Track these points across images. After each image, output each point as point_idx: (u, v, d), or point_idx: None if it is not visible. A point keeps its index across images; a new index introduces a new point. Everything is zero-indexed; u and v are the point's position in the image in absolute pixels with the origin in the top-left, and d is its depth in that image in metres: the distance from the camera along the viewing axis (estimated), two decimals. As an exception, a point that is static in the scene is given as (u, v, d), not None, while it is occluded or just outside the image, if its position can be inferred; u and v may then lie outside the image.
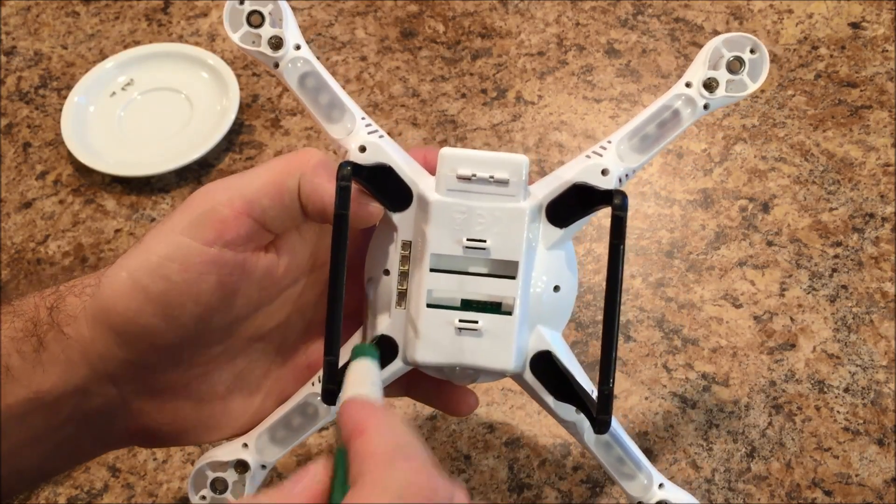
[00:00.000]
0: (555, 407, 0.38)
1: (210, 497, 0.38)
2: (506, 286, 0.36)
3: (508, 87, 0.71)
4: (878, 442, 0.52)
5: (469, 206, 0.36)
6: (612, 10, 0.75)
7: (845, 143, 0.65)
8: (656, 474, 0.39)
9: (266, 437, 0.38)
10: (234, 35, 0.37)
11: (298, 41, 0.38)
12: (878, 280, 0.59)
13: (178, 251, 0.34)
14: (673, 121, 0.37)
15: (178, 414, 0.37)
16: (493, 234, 0.36)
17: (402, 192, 0.37)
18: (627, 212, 0.34)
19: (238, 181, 0.35)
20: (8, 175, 0.69)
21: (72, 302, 0.35)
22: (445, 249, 0.36)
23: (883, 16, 0.73)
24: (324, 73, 0.38)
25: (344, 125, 0.37)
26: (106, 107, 0.72)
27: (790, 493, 0.51)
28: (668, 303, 0.58)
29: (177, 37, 0.76)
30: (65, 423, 0.36)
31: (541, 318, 0.37)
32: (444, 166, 0.36)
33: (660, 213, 0.63)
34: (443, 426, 0.55)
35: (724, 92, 0.37)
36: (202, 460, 0.38)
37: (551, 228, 0.37)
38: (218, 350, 0.37)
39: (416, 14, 0.76)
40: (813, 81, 0.69)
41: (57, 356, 0.35)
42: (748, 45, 0.37)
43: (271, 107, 0.71)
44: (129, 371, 0.35)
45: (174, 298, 0.34)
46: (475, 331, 0.36)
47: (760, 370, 0.55)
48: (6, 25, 0.79)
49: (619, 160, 0.37)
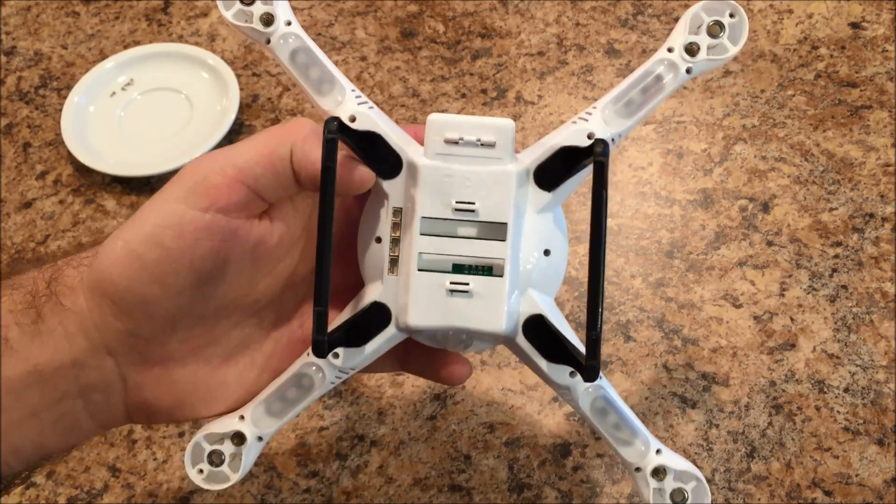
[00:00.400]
0: (548, 371, 0.38)
1: (207, 470, 0.38)
2: (495, 248, 0.37)
3: (508, 87, 0.71)
4: (878, 442, 0.52)
5: (457, 169, 0.37)
6: (612, 10, 0.75)
7: (845, 143, 0.65)
8: (653, 440, 0.39)
9: (262, 409, 0.39)
10: (227, 13, 0.38)
11: (289, 17, 0.38)
12: (878, 280, 0.59)
13: (173, 218, 0.34)
14: (656, 86, 0.38)
15: (174, 387, 0.38)
16: (482, 196, 0.37)
17: (392, 159, 0.37)
18: (608, 157, 0.35)
19: (230, 151, 0.36)
20: (8, 175, 0.69)
21: (69, 274, 0.36)
22: (435, 213, 0.37)
23: (883, 16, 0.73)
24: (314, 48, 0.38)
25: (334, 97, 0.38)
26: (106, 107, 0.72)
27: (790, 493, 0.51)
28: (668, 303, 0.58)
29: (177, 37, 0.76)
30: (62, 398, 0.36)
31: (532, 283, 0.38)
32: (431, 131, 0.37)
33: (660, 213, 0.63)
34: (443, 426, 0.55)
35: (706, 55, 0.38)
36: (199, 433, 0.39)
37: (539, 192, 0.38)
38: (213, 321, 0.38)
39: (416, 14, 0.76)
40: (813, 81, 0.69)
41: (54, 328, 0.35)
42: (727, 10, 0.38)
43: (271, 107, 0.71)
44: (125, 342, 0.36)
45: (169, 266, 0.34)
46: (466, 293, 0.37)
47: (760, 370, 0.55)
48: (6, 25, 0.79)
49: (605, 125, 0.38)
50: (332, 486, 0.53)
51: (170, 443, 0.55)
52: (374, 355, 0.38)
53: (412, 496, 0.52)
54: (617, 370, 0.56)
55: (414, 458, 0.53)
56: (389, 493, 0.52)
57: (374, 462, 0.53)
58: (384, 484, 0.53)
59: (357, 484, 0.53)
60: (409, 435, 0.54)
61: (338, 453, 0.54)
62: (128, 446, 0.55)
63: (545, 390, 0.55)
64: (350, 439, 0.54)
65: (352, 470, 0.53)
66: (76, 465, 0.54)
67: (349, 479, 0.53)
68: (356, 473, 0.53)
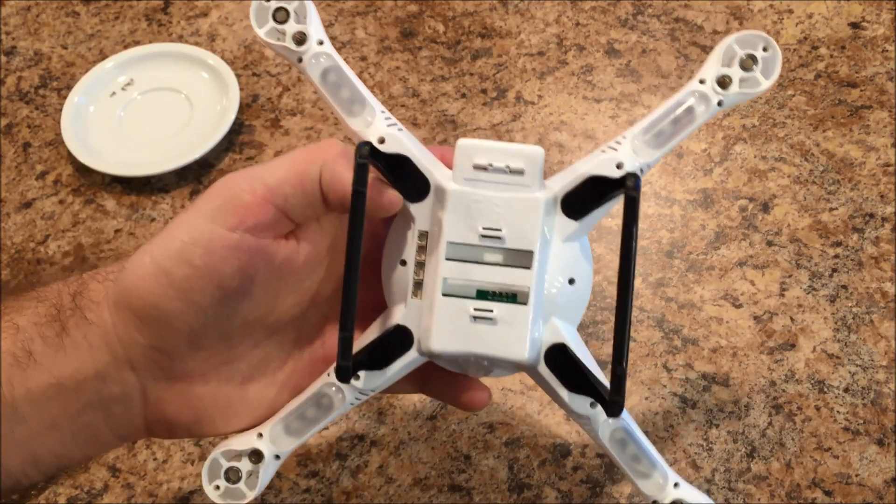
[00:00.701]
0: (569, 400, 0.38)
1: (224, 487, 0.38)
2: (521, 276, 0.37)
3: (508, 87, 0.71)
4: (878, 442, 0.52)
5: (485, 195, 0.37)
6: (612, 10, 0.75)
7: (845, 143, 0.65)
8: (672, 473, 0.39)
9: (280, 428, 0.39)
10: (260, 31, 0.38)
11: (321, 37, 0.38)
12: (878, 280, 0.59)
13: (202, 236, 0.34)
14: (687, 117, 0.38)
15: (194, 403, 0.38)
16: (509, 223, 0.37)
17: (420, 182, 0.37)
18: (640, 192, 0.35)
19: (261, 170, 0.36)
20: (8, 175, 0.69)
21: (95, 288, 0.36)
22: (461, 238, 0.37)
23: (883, 16, 0.73)
24: (345, 69, 0.39)
25: (364, 118, 0.38)
26: (106, 107, 0.72)
27: (790, 493, 0.51)
28: (668, 303, 0.59)
29: (177, 37, 0.76)
30: (83, 410, 0.36)
31: (556, 311, 0.38)
32: (461, 156, 0.37)
33: (660, 213, 0.63)
34: (443, 426, 0.55)
35: (738, 89, 0.38)
36: (217, 450, 0.39)
37: (567, 221, 0.38)
38: (236, 339, 0.38)
39: (416, 14, 0.76)
40: (813, 81, 0.69)
41: (79, 341, 0.35)
42: (761, 43, 0.38)
43: (271, 107, 0.71)
44: (148, 356, 0.36)
45: (196, 283, 0.34)
46: (490, 319, 0.37)
47: (760, 370, 0.55)
48: (6, 25, 0.79)
49: (635, 155, 0.38)
50: (332, 486, 0.53)
51: (170, 443, 0.55)
52: (394, 377, 0.38)
53: (412, 496, 0.52)
54: (617, 370, 0.56)
55: (414, 458, 0.53)
56: (389, 493, 0.52)
57: (374, 462, 0.53)
58: (384, 484, 0.53)
59: (357, 484, 0.53)
60: (409, 435, 0.54)
61: (338, 453, 0.54)
62: (128, 446, 0.55)
63: (545, 390, 0.55)
64: (350, 439, 0.54)
65: (352, 470, 0.53)
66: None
67: (349, 479, 0.53)
68: (356, 473, 0.53)
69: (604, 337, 0.57)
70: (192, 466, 0.54)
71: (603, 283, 0.59)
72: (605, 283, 0.59)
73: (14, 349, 0.35)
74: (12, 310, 0.36)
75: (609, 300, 0.59)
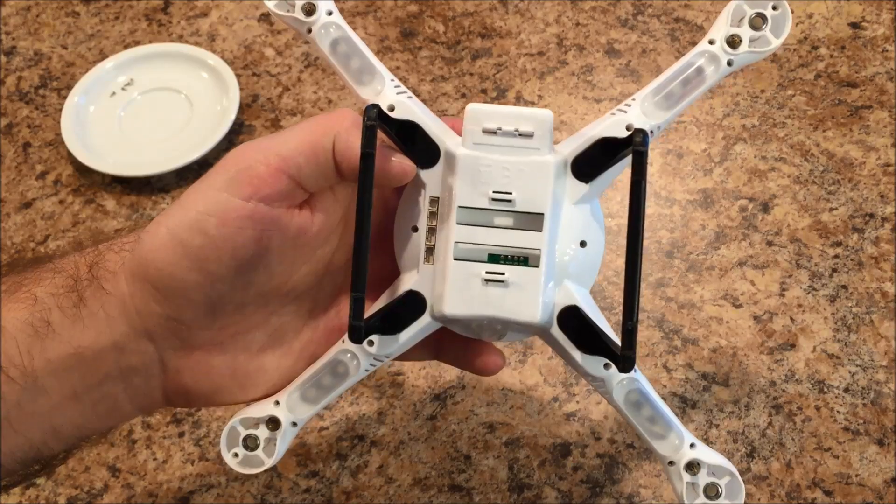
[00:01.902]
0: (583, 362, 0.38)
1: (242, 454, 0.39)
2: (532, 239, 0.37)
3: (508, 87, 0.71)
4: (878, 442, 0.52)
5: (495, 159, 0.37)
6: (612, 10, 0.75)
7: (845, 143, 0.65)
8: (687, 434, 0.39)
9: (297, 395, 0.39)
10: (270, 3, 0.38)
11: (331, 7, 0.39)
12: (878, 280, 0.59)
13: (217, 206, 0.35)
14: (697, 78, 0.38)
15: (212, 372, 0.38)
16: (519, 186, 0.37)
17: (430, 148, 0.38)
18: (648, 147, 0.35)
19: (273, 140, 0.36)
20: (8, 175, 0.69)
21: (111, 258, 0.36)
22: (472, 202, 0.37)
23: (883, 16, 0.73)
24: (354, 38, 0.39)
25: (374, 87, 0.38)
26: (106, 107, 0.72)
27: (790, 493, 0.51)
28: (668, 303, 0.59)
29: (177, 37, 0.76)
30: (103, 380, 0.36)
31: (568, 274, 0.38)
32: (469, 121, 0.37)
33: (660, 213, 0.63)
34: (443, 426, 0.55)
35: (748, 48, 0.38)
36: (235, 417, 0.39)
37: (577, 183, 0.38)
38: (252, 308, 0.38)
39: (416, 14, 0.76)
40: (813, 81, 0.69)
41: (96, 312, 0.35)
42: (770, 2, 0.38)
43: (271, 107, 0.71)
44: (165, 327, 0.36)
45: (211, 252, 0.35)
46: (502, 282, 0.37)
47: (760, 370, 0.55)
48: (6, 25, 0.79)
49: (644, 117, 0.38)
50: (332, 486, 0.53)
51: (170, 443, 0.55)
52: (408, 343, 0.38)
53: (412, 496, 0.52)
54: (617, 370, 0.56)
55: (414, 458, 0.53)
56: (389, 493, 0.52)
57: (374, 462, 0.53)
58: (384, 484, 0.53)
59: (357, 484, 0.53)
60: (409, 435, 0.54)
61: (338, 453, 0.54)
62: (128, 446, 0.55)
63: (545, 390, 0.55)
64: (350, 439, 0.54)
65: (352, 470, 0.53)
66: (76, 465, 0.54)
67: (349, 479, 0.53)
68: (356, 473, 0.53)
69: (604, 337, 0.57)
70: (192, 466, 0.54)
71: (603, 283, 0.59)
72: (605, 283, 0.59)
73: (33, 320, 0.35)
74: (30, 281, 0.36)
75: (609, 300, 0.59)
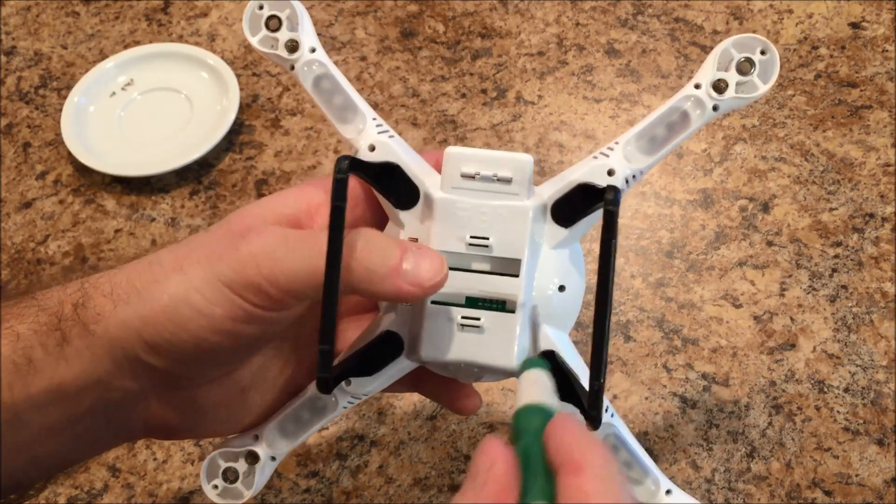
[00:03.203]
0: (559, 406, 0.38)
1: (221, 486, 0.39)
2: (509, 284, 0.36)
3: (508, 87, 0.71)
4: (878, 442, 0.52)
5: (473, 203, 0.36)
6: (612, 10, 0.75)
7: (845, 143, 0.65)
8: (664, 479, 0.39)
9: (276, 431, 0.39)
10: (253, 39, 0.38)
11: (314, 44, 0.39)
12: (878, 280, 0.59)
13: (220, 299, 0.34)
14: (682, 123, 0.37)
15: (195, 409, 0.38)
16: (497, 231, 0.36)
17: (410, 189, 0.37)
18: (619, 206, 0.34)
19: (279, 253, 0.35)
20: (8, 175, 0.69)
21: (100, 302, 0.36)
22: (449, 246, 0.37)
23: (883, 16, 0.73)
24: (337, 76, 0.39)
25: (355, 125, 0.38)
26: (106, 107, 0.72)
27: (790, 493, 0.51)
28: (668, 303, 0.58)
29: (177, 37, 0.76)
30: (84, 415, 0.36)
31: (546, 318, 0.37)
32: (448, 165, 0.37)
33: (660, 213, 0.63)
34: (443, 426, 0.55)
35: (734, 93, 0.37)
36: (215, 451, 0.39)
37: (556, 228, 0.37)
38: (240, 357, 0.38)
39: (416, 14, 0.76)
40: (813, 81, 0.69)
41: (81, 350, 0.35)
42: (758, 47, 0.37)
43: (271, 107, 0.71)
44: (152, 372, 0.36)
45: (210, 332, 0.35)
46: (478, 328, 0.36)
47: (760, 370, 0.55)
48: (6, 25, 0.79)
49: (626, 161, 0.37)
50: (332, 486, 0.53)
51: (170, 443, 0.55)
52: (385, 383, 0.38)
53: (412, 496, 0.52)
54: (617, 370, 0.56)
55: (414, 458, 0.53)
56: (389, 493, 0.52)
57: (374, 462, 0.53)
58: (384, 484, 0.53)
59: (357, 484, 0.53)
60: (409, 435, 0.54)
61: (338, 453, 0.54)
62: (128, 446, 0.55)
63: (545, 390, 0.55)
64: (350, 439, 0.54)
65: (352, 470, 0.53)
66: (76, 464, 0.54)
67: (349, 479, 0.53)
68: (356, 473, 0.53)
69: (604, 337, 0.57)
70: (192, 466, 0.54)
71: (603, 283, 0.59)
72: (605, 283, 0.59)
73: (14, 356, 0.35)
74: (12, 316, 0.36)
75: (609, 300, 0.59)
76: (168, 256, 0.36)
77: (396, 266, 0.34)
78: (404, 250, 0.34)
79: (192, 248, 0.35)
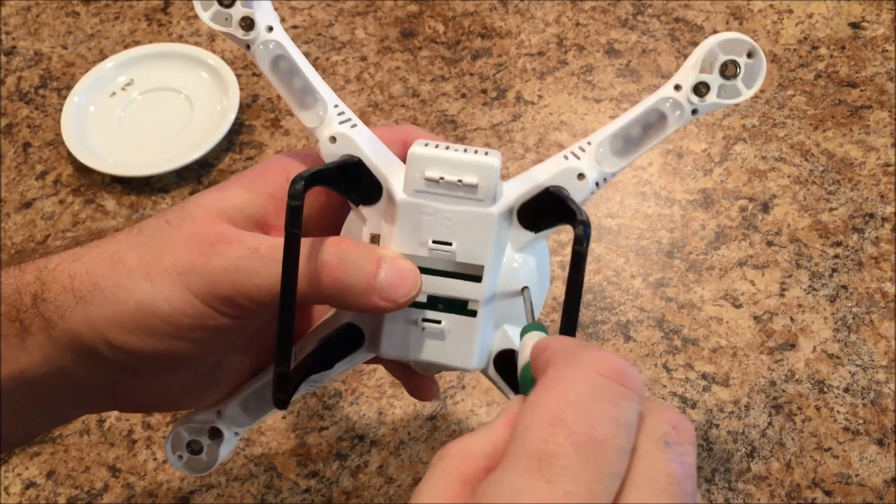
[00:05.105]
0: None
1: (186, 456, 0.40)
2: (471, 288, 0.36)
3: (508, 87, 0.71)
4: (878, 442, 0.52)
5: (436, 207, 0.35)
6: (612, 10, 0.75)
7: (845, 143, 0.65)
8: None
9: (238, 408, 0.39)
10: (205, 14, 0.36)
11: (271, 23, 0.36)
12: (878, 280, 0.59)
13: (180, 301, 0.34)
14: (658, 124, 0.36)
15: (164, 390, 0.38)
16: (460, 237, 0.35)
17: (373, 184, 0.36)
18: (588, 244, 0.33)
19: (253, 266, 0.35)
20: (8, 175, 0.69)
21: (61, 296, 0.35)
22: (411, 250, 0.35)
23: (883, 16, 0.73)
24: (296, 57, 0.37)
25: (316, 112, 0.36)
26: (106, 107, 0.72)
27: (790, 493, 0.51)
28: (668, 303, 0.58)
29: (177, 37, 0.76)
30: (51, 396, 0.37)
31: (507, 318, 0.37)
32: (412, 167, 0.35)
33: (660, 213, 0.63)
34: (443, 426, 0.55)
35: (715, 98, 0.35)
36: (179, 425, 0.40)
37: (522, 231, 0.36)
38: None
39: (416, 14, 0.76)
40: (813, 81, 0.69)
41: (43, 342, 0.35)
42: (745, 49, 0.35)
43: (271, 107, 0.71)
44: (117, 364, 0.36)
45: (174, 337, 0.35)
46: (438, 330, 0.36)
47: (760, 370, 0.55)
48: (6, 25, 0.79)
49: (597, 164, 0.36)
50: (332, 486, 0.53)
51: (170, 443, 0.55)
52: (343, 371, 0.38)
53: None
54: (617, 370, 0.56)
55: (414, 458, 0.53)
56: (389, 493, 0.52)
57: (374, 462, 0.53)
58: (384, 484, 0.53)
59: (357, 484, 0.53)
60: (409, 435, 0.54)
61: (338, 453, 0.54)
62: (128, 446, 0.55)
63: (545, 390, 0.55)
64: (350, 439, 0.54)
65: (352, 470, 0.53)
66: (76, 465, 0.54)
67: (349, 479, 0.53)
68: (356, 473, 0.53)
69: (604, 337, 0.57)
70: (192, 466, 0.54)
71: (603, 283, 0.59)
72: (606, 283, 0.59)
73: None
74: None
75: (609, 300, 0.59)
76: (131, 255, 0.35)
77: (371, 283, 0.34)
78: (378, 265, 0.34)
79: (157, 250, 0.35)
